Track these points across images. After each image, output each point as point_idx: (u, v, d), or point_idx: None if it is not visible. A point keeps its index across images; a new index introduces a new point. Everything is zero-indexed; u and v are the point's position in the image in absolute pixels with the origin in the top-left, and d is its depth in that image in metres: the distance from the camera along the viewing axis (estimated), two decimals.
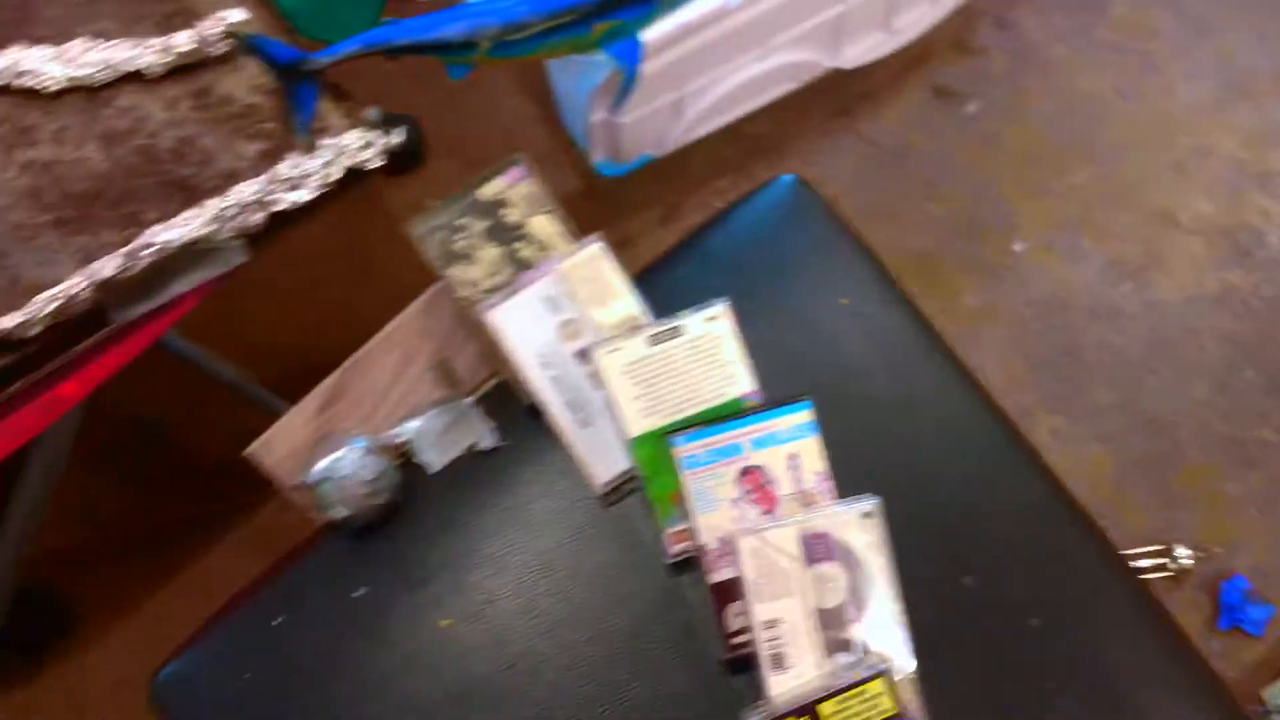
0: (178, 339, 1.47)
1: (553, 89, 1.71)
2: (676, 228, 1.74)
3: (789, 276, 0.98)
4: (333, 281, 1.65)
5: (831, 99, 1.79)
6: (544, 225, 0.91)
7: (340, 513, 0.85)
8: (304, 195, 1.02)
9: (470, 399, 0.92)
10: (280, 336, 1.61)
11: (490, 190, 0.91)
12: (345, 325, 1.72)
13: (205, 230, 0.99)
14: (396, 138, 1.09)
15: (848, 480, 0.89)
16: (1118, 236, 1.73)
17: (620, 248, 0.97)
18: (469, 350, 0.94)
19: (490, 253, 0.90)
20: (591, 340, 0.88)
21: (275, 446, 0.87)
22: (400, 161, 1.74)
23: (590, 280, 0.89)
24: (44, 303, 0.96)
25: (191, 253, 0.99)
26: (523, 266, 0.91)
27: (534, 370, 0.88)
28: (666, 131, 1.62)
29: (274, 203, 1.02)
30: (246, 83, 1.05)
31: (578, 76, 1.50)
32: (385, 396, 0.90)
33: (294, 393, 1.54)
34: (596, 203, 1.74)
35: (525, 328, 0.88)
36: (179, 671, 0.87)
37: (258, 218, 1.02)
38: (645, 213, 1.74)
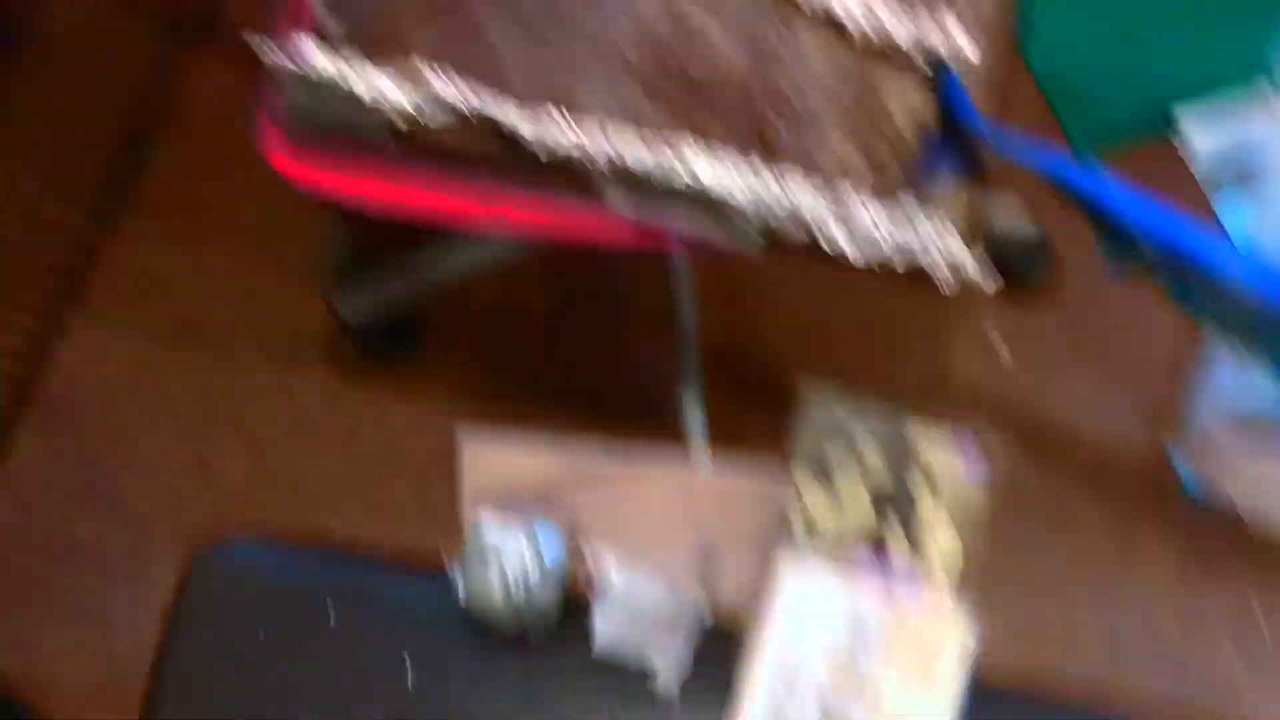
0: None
1: (1200, 363, 1.37)
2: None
3: None
4: (833, 330, 1.49)
5: None
6: (944, 540, 0.66)
7: (462, 587, 0.69)
8: (848, 251, 0.85)
9: (701, 610, 0.71)
10: (741, 340, 1.49)
11: (928, 444, 0.66)
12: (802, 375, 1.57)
13: (735, 199, 0.86)
14: (986, 284, 0.87)
15: None
16: None
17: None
18: (746, 567, 0.71)
19: (858, 501, 0.66)
20: (859, 712, 0.63)
21: (490, 454, 0.71)
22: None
23: (921, 651, 0.63)
24: (562, 134, 0.87)
25: (709, 202, 0.86)
26: (875, 548, 0.67)
27: (768, 666, 0.65)
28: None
29: (818, 233, 0.86)
30: (907, 103, 0.88)
31: (1241, 383, 1.18)
32: (630, 525, 0.71)
33: (709, 399, 1.44)
34: (1158, 515, 1.41)
35: (804, 615, 0.64)
36: (248, 553, 0.79)
37: (793, 233, 0.86)
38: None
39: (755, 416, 1.44)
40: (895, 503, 0.66)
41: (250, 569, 0.77)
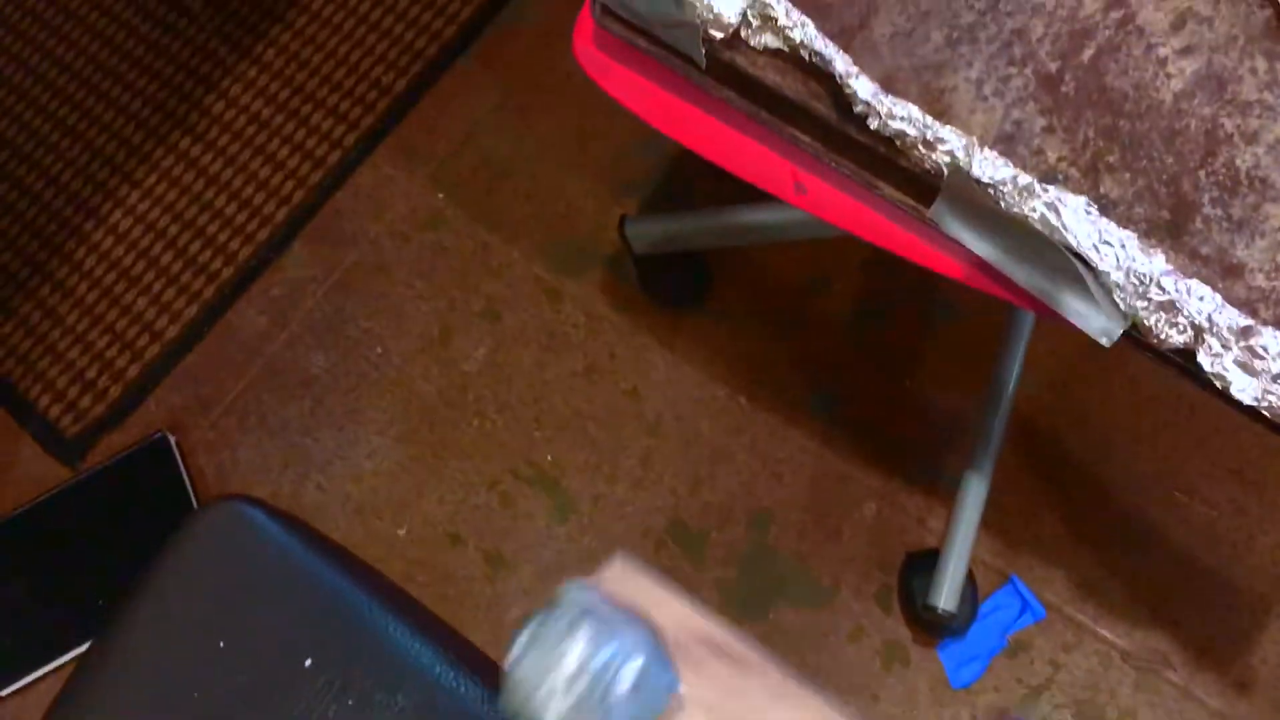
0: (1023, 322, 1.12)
1: None
2: None
3: None
4: (1177, 459, 1.18)
5: None
6: None
7: (518, 671, 0.49)
8: (1235, 382, 0.60)
9: None
10: (1062, 427, 1.20)
11: None
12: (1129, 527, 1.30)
13: (1104, 265, 0.62)
14: None
15: None
16: None
17: None
18: None
19: None
20: None
21: (635, 586, 0.52)
22: None
23: None
24: (904, 107, 0.66)
25: (1065, 256, 0.63)
26: None
27: None
28: None
29: (1201, 346, 0.61)
30: None
31: None
32: None
33: (997, 478, 1.20)
34: None
35: None
36: (256, 538, 0.62)
37: (1165, 334, 0.61)
38: None
39: (1042, 521, 1.19)
40: None
41: (249, 561, 0.62)
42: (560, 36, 1.47)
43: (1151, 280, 0.60)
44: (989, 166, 0.63)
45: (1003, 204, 0.64)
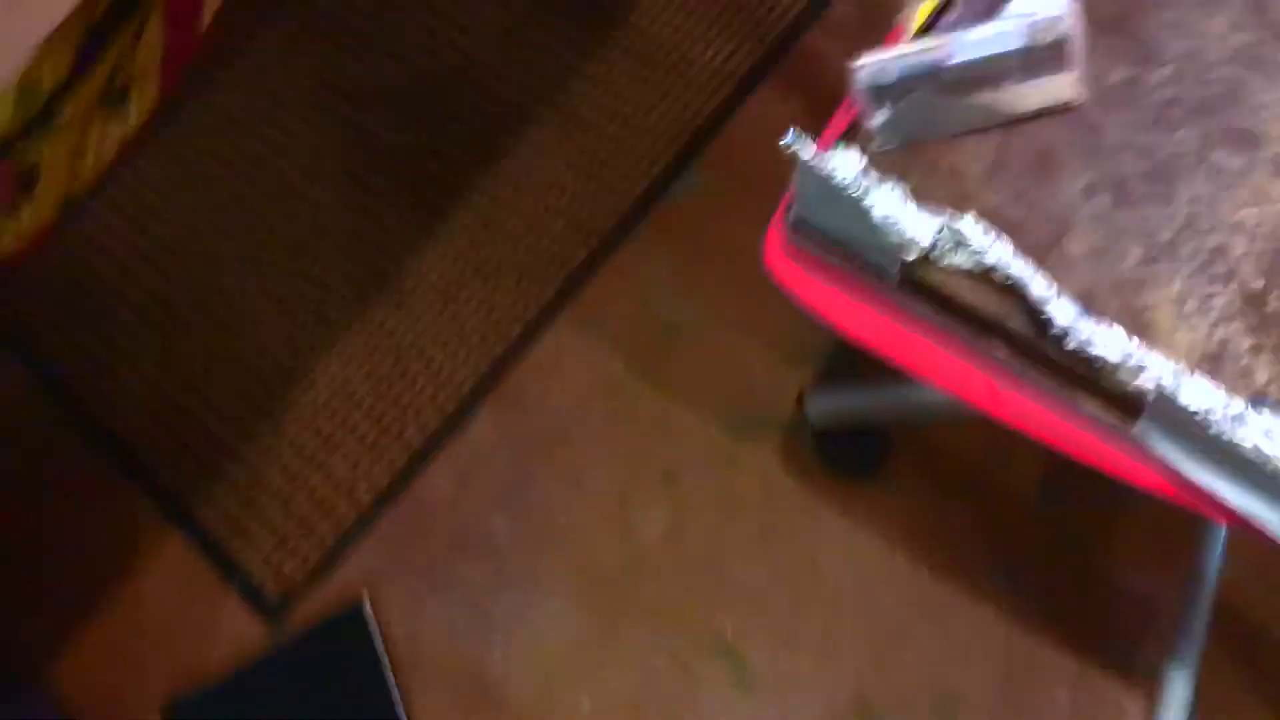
0: None
1: None
2: None
3: None
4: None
5: None
6: None
7: None
8: None
9: None
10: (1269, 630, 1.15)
11: None
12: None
13: None
14: None
15: None
16: None
17: None
18: None
19: None
20: None
21: None
22: None
23: None
24: (1106, 334, 0.66)
25: (1271, 485, 0.62)
26: None
27: None
28: None
29: None
30: None
31: None
32: None
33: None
34: None
35: None
36: None
37: None
38: None
39: (1249, 713, 1.13)
40: None
41: None
42: (731, 209, 1.52)
43: None
44: (1197, 393, 0.63)
45: (1211, 429, 0.63)
